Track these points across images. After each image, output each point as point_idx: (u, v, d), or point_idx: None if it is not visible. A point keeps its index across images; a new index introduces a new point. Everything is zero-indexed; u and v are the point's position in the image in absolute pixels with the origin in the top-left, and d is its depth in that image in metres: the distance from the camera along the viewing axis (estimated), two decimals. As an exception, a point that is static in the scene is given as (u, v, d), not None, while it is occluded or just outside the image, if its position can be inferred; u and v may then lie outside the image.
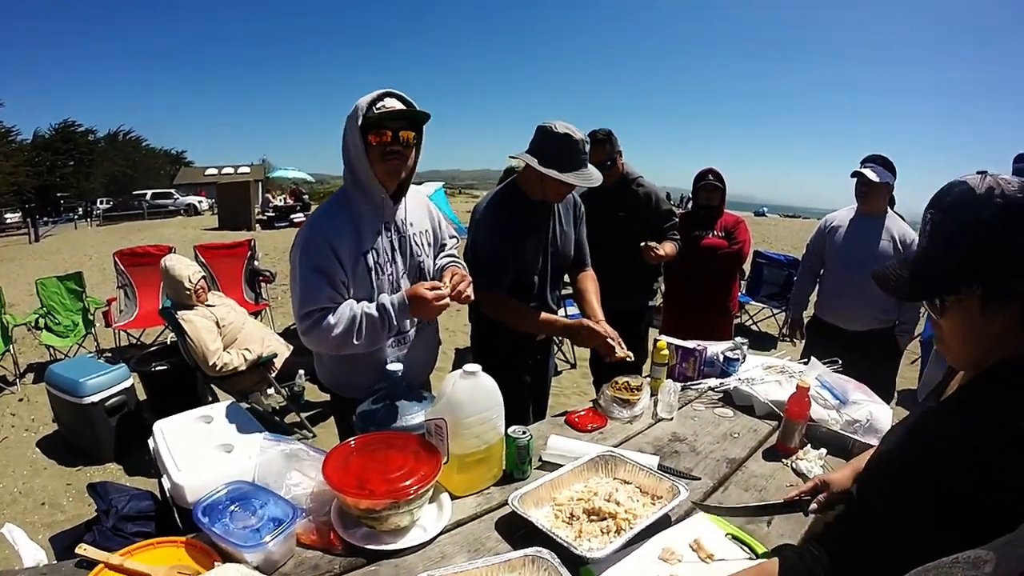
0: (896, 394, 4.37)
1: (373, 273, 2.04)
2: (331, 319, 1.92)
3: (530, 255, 2.55)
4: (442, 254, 2.34)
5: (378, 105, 1.95)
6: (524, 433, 1.79)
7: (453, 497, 1.67)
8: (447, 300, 1.98)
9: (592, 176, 2.39)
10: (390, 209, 2.09)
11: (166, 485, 1.79)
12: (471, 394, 1.65)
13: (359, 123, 1.93)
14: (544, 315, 2.53)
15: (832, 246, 3.75)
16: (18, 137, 46.47)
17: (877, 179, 3.46)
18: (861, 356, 3.07)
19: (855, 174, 3.55)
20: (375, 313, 1.94)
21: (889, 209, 3.65)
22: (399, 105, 1.98)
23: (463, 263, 2.37)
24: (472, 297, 2.09)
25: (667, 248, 3.47)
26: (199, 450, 1.86)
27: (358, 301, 1.99)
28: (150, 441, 2.00)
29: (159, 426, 2.03)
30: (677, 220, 3.70)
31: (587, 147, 2.39)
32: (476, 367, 1.69)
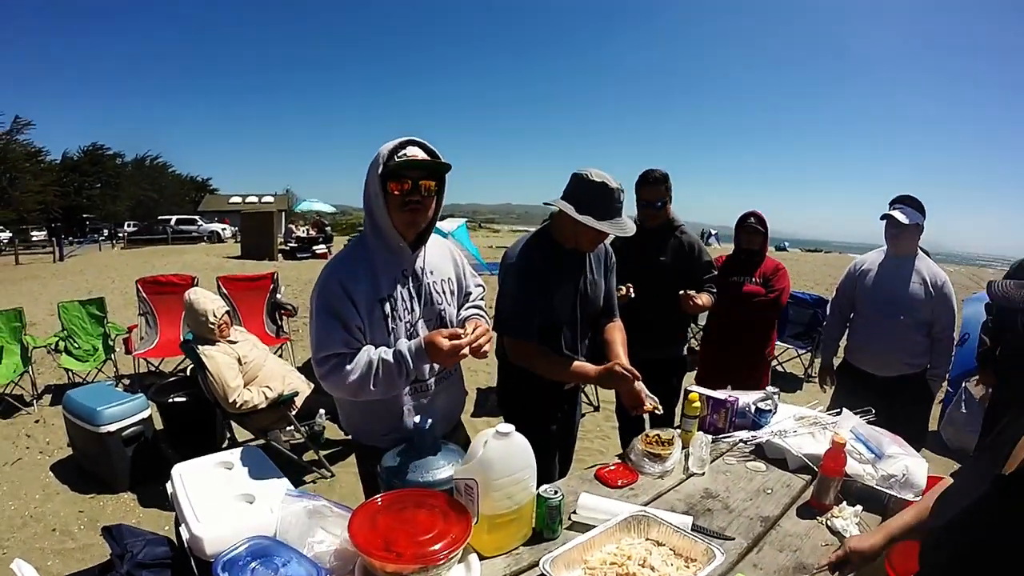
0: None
1: (389, 320, 2.00)
2: (348, 365, 1.87)
3: (560, 303, 2.50)
4: (467, 304, 2.30)
5: (400, 153, 1.93)
6: (556, 493, 1.73)
7: (482, 557, 1.61)
8: (465, 351, 1.92)
9: (626, 226, 2.35)
10: (409, 257, 2.06)
11: (184, 535, 1.74)
12: (504, 454, 1.60)
13: (379, 171, 1.91)
14: (575, 363, 2.46)
15: (862, 289, 3.68)
16: (47, 157, 47.26)
17: (907, 221, 3.40)
18: (892, 402, 3.00)
19: (885, 216, 3.50)
20: (391, 359, 1.90)
21: (920, 250, 3.59)
22: (421, 154, 1.96)
23: (486, 315, 2.32)
24: (488, 353, 2.02)
25: (704, 299, 3.41)
26: (219, 499, 1.82)
27: (376, 347, 1.95)
28: (168, 485, 1.96)
29: (178, 471, 1.98)
30: (716, 272, 3.64)
31: (623, 196, 2.34)
32: (510, 427, 1.64)
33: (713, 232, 44.38)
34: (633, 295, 3.12)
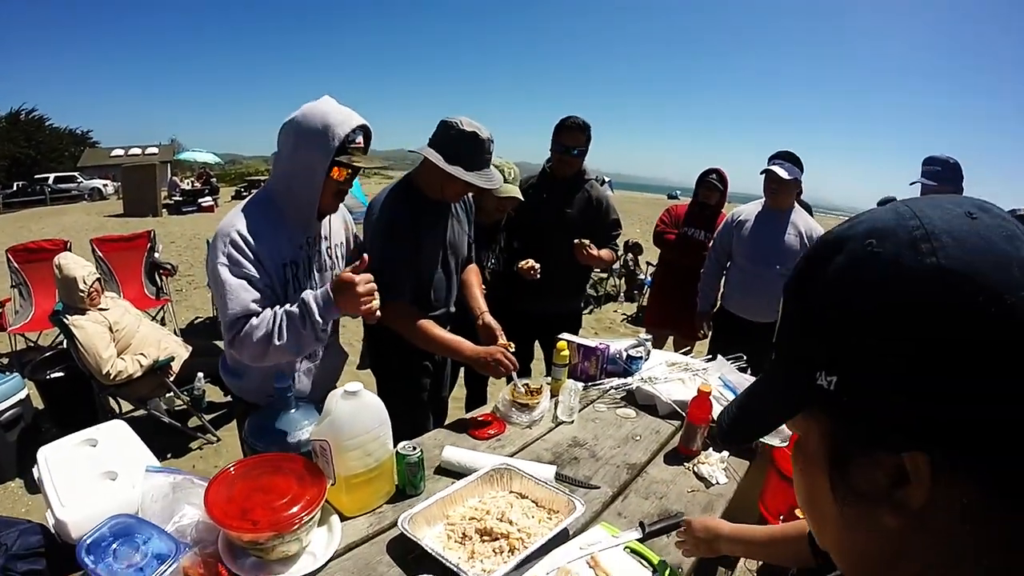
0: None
1: (290, 286, 1.99)
2: (253, 321, 1.83)
3: (428, 257, 2.47)
4: None
5: (352, 140, 1.90)
6: (414, 450, 1.76)
7: (343, 518, 1.64)
8: (376, 297, 1.92)
9: (493, 177, 2.34)
10: (315, 225, 2.07)
11: (50, 521, 1.72)
12: (353, 414, 1.61)
13: (330, 149, 1.86)
14: (449, 337, 2.36)
15: (739, 240, 3.82)
16: None
17: (787, 176, 3.54)
18: (767, 348, 3.17)
19: (764, 171, 3.63)
20: (295, 310, 1.85)
21: (799, 204, 3.77)
22: (361, 143, 1.95)
23: None
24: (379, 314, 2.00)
25: (603, 253, 3.41)
26: (82, 479, 1.78)
27: None
28: (34, 470, 1.91)
29: (43, 454, 1.93)
30: (620, 232, 3.70)
31: (492, 147, 2.31)
32: (358, 385, 1.63)
33: (607, 179, 45.03)
34: (538, 274, 3.10)
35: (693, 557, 1.53)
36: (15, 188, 32.77)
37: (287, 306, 1.88)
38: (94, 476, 1.80)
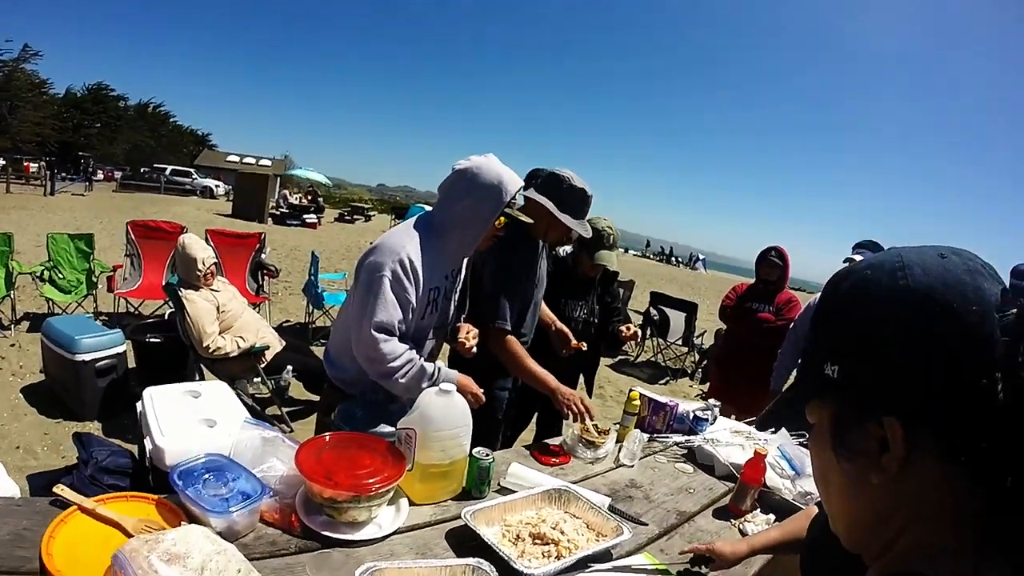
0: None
1: (430, 307, 2.20)
2: (396, 347, 2.03)
3: (527, 291, 2.68)
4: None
5: (515, 196, 2.18)
6: (487, 455, 1.88)
7: (412, 503, 1.76)
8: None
9: (587, 228, 2.62)
10: (460, 263, 2.32)
11: (148, 446, 1.88)
12: (443, 410, 1.76)
13: (502, 200, 2.12)
14: (539, 369, 2.59)
15: None
16: (51, 90, 47.11)
17: None
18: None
19: (847, 260, 3.63)
20: (428, 368, 2.10)
21: None
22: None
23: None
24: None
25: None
26: (184, 420, 1.96)
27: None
28: (138, 404, 2.11)
29: (149, 392, 2.13)
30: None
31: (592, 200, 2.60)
32: (451, 386, 1.81)
33: (701, 257, 44.64)
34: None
35: None
36: (141, 172, 34.72)
37: (422, 361, 2.12)
38: (194, 420, 1.97)
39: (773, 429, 2.87)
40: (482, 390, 2.24)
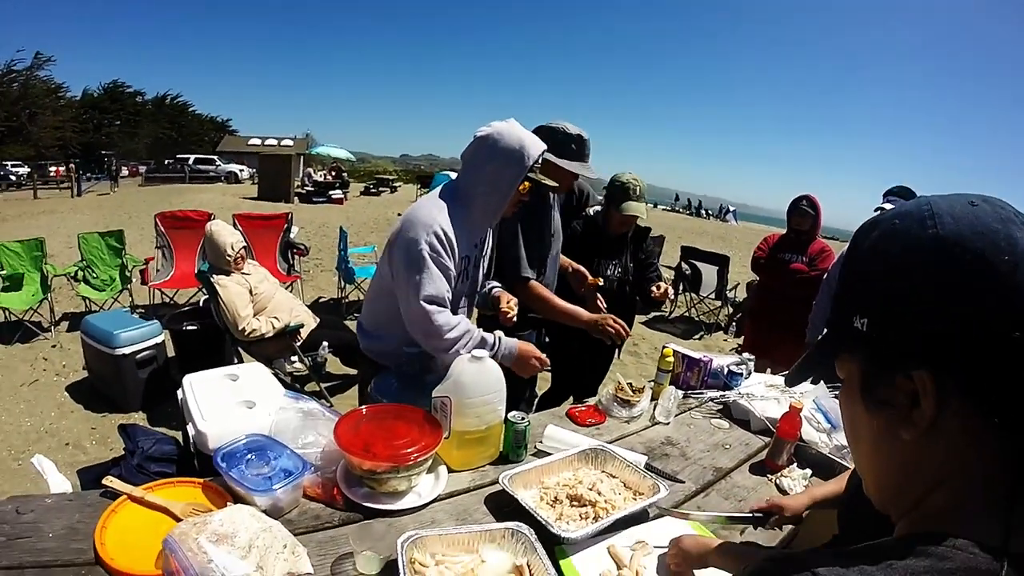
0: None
1: (462, 276, 2.21)
2: (450, 319, 2.05)
3: (544, 244, 2.74)
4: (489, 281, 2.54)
5: (540, 160, 2.17)
6: (523, 419, 1.90)
7: (450, 470, 1.80)
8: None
9: (591, 170, 2.72)
10: (487, 231, 2.34)
11: (191, 432, 1.94)
12: (476, 377, 1.78)
13: (525, 165, 2.10)
14: (567, 306, 2.68)
15: None
16: (67, 94, 47.95)
17: None
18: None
19: (878, 209, 3.57)
20: (488, 337, 2.14)
21: None
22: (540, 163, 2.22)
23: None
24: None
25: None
26: (223, 404, 2.00)
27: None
28: (179, 392, 2.16)
29: (188, 379, 2.17)
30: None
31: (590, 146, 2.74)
32: (484, 353, 1.83)
33: (731, 209, 44.16)
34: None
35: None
36: (166, 164, 35.15)
37: (481, 331, 2.15)
38: (234, 403, 2.02)
39: (806, 383, 2.85)
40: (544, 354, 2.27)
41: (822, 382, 2.68)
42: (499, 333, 2.17)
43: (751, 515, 1.58)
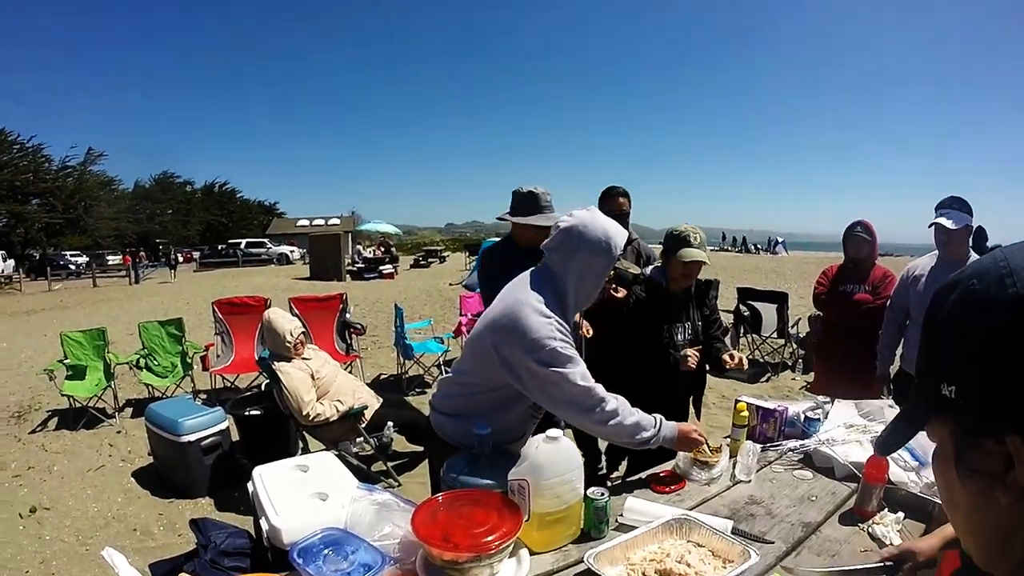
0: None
1: None
2: (617, 407, 2.08)
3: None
4: None
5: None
6: (602, 495, 1.85)
7: (532, 553, 1.74)
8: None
9: (552, 217, 2.90)
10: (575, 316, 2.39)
11: (264, 527, 1.92)
12: (552, 457, 1.74)
13: (613, 256, 2.12)
14: None
15: (915, 296, 3.66)
16: (120, 186, 50.55)
17: (954, 226, 3.41)
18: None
19: (932, 224, 3.50)
20: (651, 419, 2.15)
21: (972, 252, 3.57)
22: None
23: None
24: None
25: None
26: (295, 496, 1.99)
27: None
28: (249, 484, 2.16)
29: (258, 471, 2.17)
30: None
31: (548, 198, 3.15)
32: (558, 432, 1.78)
33: (780, 240, 43.76)
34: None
35: None
36: (219, 249, 36.36)
37: (639, 413, 2.15)
38: (306, 495, 2.00)
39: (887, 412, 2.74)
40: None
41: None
42: (658, 416, 2.18)
43: (882, 564, 1.52)
